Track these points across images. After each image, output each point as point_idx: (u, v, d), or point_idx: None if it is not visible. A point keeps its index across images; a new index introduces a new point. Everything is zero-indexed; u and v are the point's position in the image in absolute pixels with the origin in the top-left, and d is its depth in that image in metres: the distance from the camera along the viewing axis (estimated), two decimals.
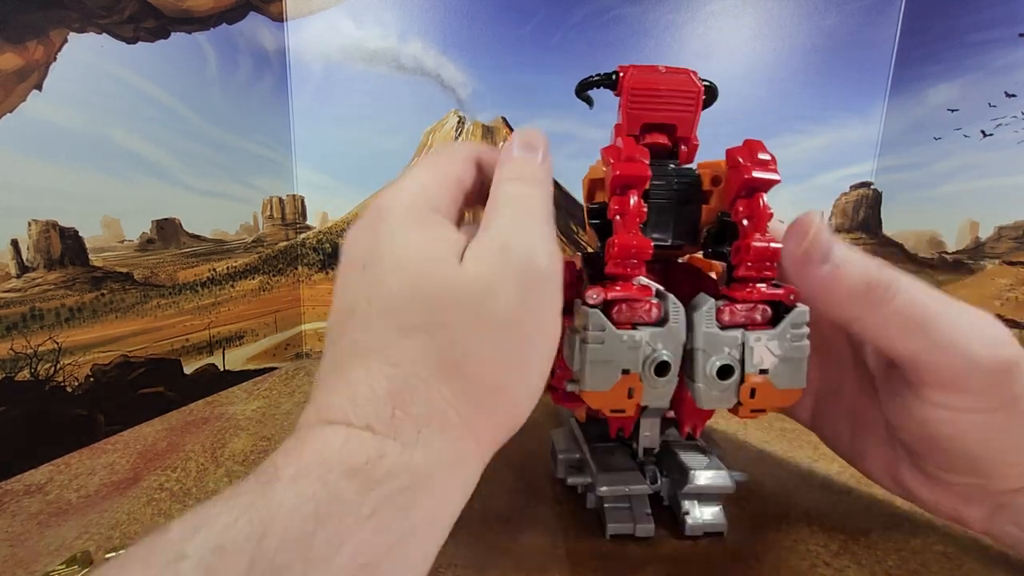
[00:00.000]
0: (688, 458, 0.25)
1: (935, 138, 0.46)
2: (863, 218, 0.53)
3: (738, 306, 0.20)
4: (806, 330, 0.19)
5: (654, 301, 0.20)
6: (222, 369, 0.44)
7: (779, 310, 0.20)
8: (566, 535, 0.25)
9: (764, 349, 0.19)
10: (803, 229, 0.18)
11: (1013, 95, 0.40)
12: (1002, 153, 0.41)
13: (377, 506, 0.13)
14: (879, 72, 0.49)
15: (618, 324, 0.19)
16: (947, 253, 0.46)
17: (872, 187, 0.52)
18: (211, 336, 0.43)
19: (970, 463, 0.19)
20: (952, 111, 0.45)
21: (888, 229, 0.52)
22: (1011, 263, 0.41)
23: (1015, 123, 0.40)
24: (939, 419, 0.19)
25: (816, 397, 0.25)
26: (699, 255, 0.24)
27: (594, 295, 0.19)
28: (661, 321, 0.20)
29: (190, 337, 0.41)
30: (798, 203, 0.53)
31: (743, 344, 0.19)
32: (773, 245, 0.19)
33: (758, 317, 0.20)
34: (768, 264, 0.20)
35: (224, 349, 0.44)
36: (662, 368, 0.20)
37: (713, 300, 0.20)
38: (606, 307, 0.19)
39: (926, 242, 0.48)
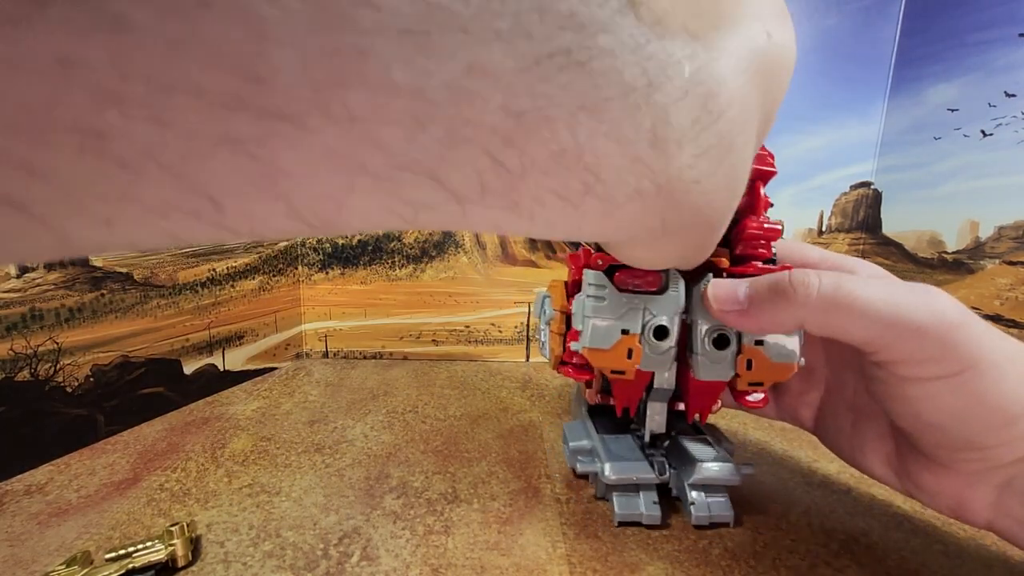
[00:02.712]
0: (696, 450, 0.26)
1: (935, 138, 0.46)
2: (863, 218, 0.53)
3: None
4: None
5: (655, 271, 0.21)
6: (222, 369, 0.44)
7: None
8: (566, 535, 0.25)
9: None
10: (710, 300, 0.21)
11: (1013, 95, 0.40)
12: (1002, 153, 0.41)
13: None
14: (879, 72, 0.49)
15: (620, 289, 0.21)
16: (947, 253, 0.46)
17: (872, 187, 0.52)
18: (211, 336, 0.43)
19: (963, 434, 0.19)
20: (952, 111, 0.45)
21: (888, 229, 0.52)
22: (1011, 263, 0.41)
23: (1015, 123, 0.40)
24: (915, 394, 0.19)
25: (823, 394, 0.26)
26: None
27: (599, 261, 0.21)
28: (661, 290, 0.21)
29: (190, 337, 0.41)
30: (798, 203, 0.53)
31: None
32: (767, 226, 0.21)
33: None
34: (763, 243, 0.22)
35: (224, 349, 0.44)
36: (660, 332, 0.21)
37: (711, 274, 0.21)
38: (610, 272, 0.21)
39: (926, 242, 0.48)
